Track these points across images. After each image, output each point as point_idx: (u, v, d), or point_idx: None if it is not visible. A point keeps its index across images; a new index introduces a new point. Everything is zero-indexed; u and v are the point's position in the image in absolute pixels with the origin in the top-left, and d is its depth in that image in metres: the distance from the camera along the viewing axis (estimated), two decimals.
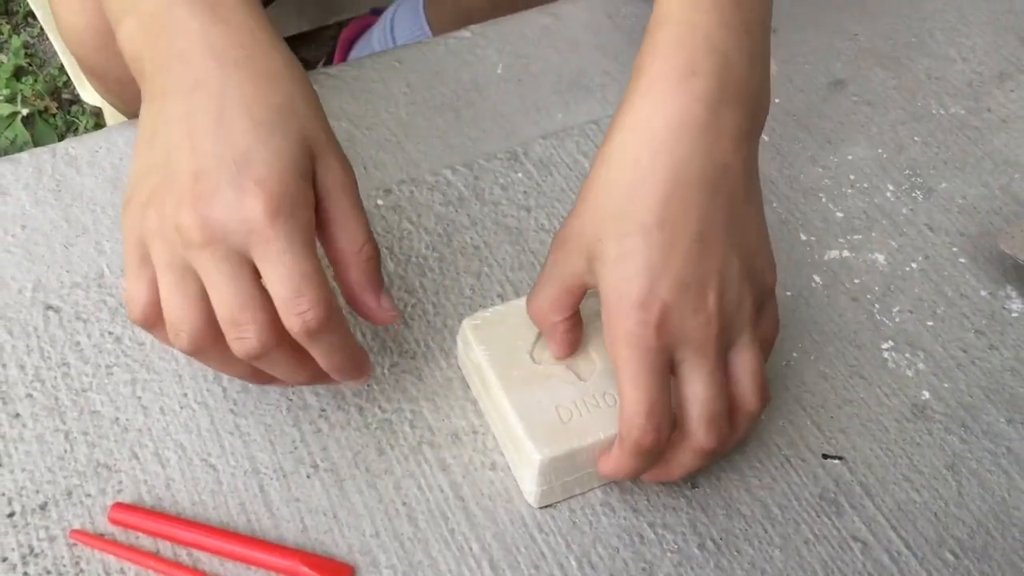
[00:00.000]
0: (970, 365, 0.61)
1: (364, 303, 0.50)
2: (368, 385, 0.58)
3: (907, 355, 0.62)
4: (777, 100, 0.75)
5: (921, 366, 0.61)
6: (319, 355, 0.48)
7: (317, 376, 0.50)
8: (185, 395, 0.57)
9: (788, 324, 0.62)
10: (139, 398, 0.56)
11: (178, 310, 0.46)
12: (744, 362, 0.50)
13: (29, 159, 0.67)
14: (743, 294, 0.49)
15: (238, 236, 0.44)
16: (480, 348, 0.55)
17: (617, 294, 0.47)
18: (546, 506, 0.54)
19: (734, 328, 0.49)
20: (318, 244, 0.48)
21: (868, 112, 0.75)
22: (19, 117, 1.13)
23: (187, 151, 0.45)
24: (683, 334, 0.47)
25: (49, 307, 0.60)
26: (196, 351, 0.47)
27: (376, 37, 1.05)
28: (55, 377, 0.57)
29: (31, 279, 0.61)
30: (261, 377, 0.50)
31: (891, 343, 0.62)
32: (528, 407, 0.53)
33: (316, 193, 0.47)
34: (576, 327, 0.53)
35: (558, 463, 0.52)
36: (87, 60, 0.65)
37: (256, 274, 0.45)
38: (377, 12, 1.10)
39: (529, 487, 0.53)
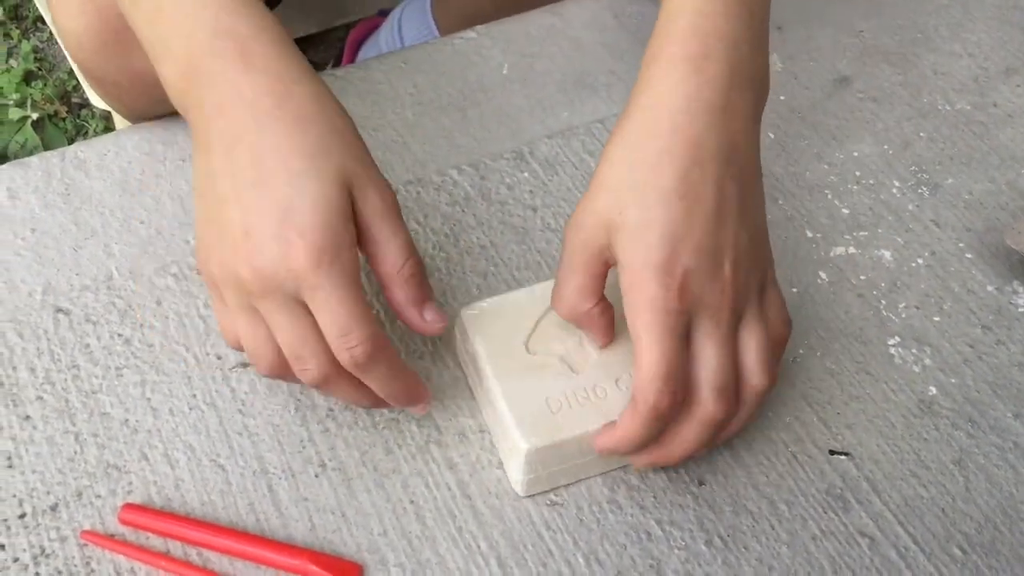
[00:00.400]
0: (977, 360, 0.61)
1: (410, 319, 0.52)
2: None
3: (914, 351, 0.62)
4: (782, 97, 0.75)
5: (928, 361, 0.61)
6: (373, 384, 0.51)
7: (378, 402, 0.53)
8: (194, 396, 0.57)
9: (795, 321, 0.62)
10: (148, 399, 0.57)
11: (253, 345, 0.50)
12: (752, 337, 0.51)
13: (38, 163, 0.67)
14: (751, 269, 0.51)
15: (289, 284, 0.47)
16: (477, 338, 0.55)
17: (640, 260, 0.49)
18: (532, 495, 0.54)
19: (745, 301, 0.51)
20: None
21: (873, 108, 0.75)
22: (29, 121, 1.14)
23: (235, 205, 0.48)
24: (701, 300, 0.49)
25: (59, 310, 0.60)
26: (275, 377, 0.51)
27: (383, 38, 1.06)
28: (65, 379, 0.57)
29: (41, 282, 0.61)
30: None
31: (898, 339, 0.62)
32: (519, 397, 0.53)
33: (358, 223, 0.49)
34: (608, 309, 0.53)
35: (544, 453, 0.52)
36: (85, 64, 0.66)
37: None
38: (384, 13, 1.10)
39: (516, 475, 0.54)
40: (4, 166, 0.68)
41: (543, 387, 0.53)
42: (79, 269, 0.62)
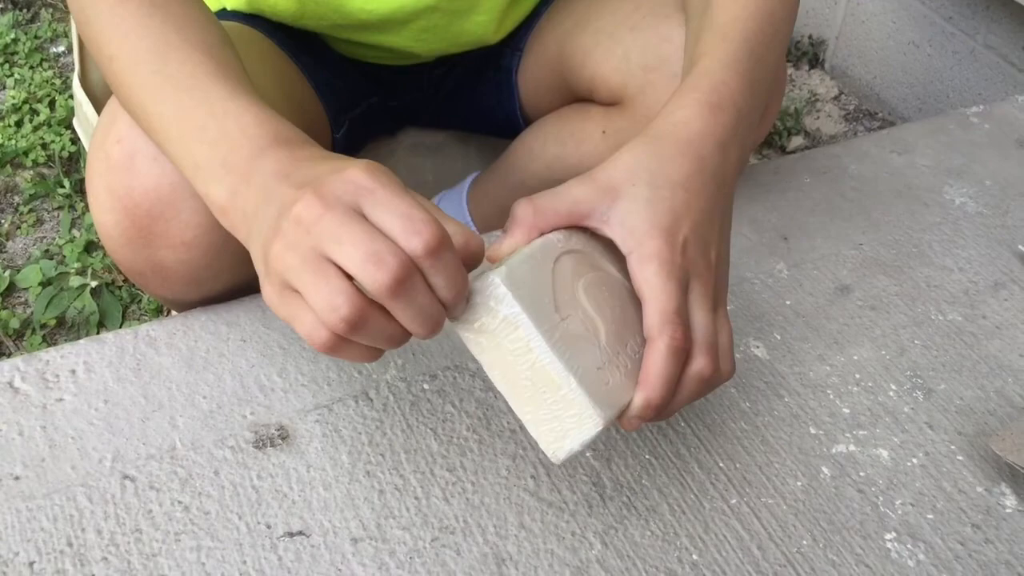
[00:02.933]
0: (967, 557, 0.66)
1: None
2: (410, 558, 0.63)
3: (909, 546, 0.66)
4: (788, 302, 0.82)
5: (922, 557, 0.66)
6: (442, 274, 0.51)
7: (437, 316, 0.53)
8: (244, 563, 0.62)
9: (800, 512, 0.67)
10: (203, 564, 0.62)
11: (327, 292, 0.50)
12: (723, 328, 0.59)
13: (113, 339, 0.74)
14: (723, 275, 0.61)
15: (348, 196, 0.51)
16: (518, 305, 0.54)
17: (648, 223, 0.57)
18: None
19: (720, 293, 0.60)
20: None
21: (872, 316, 0.82)
22: (88, 289, 1.22)
23: (284, 187, 0.54)
24: (695, 267, 0.58)
25: (126, 476, 0.66)
26: (358, 317, 0.50)
27: None
28: (128, 542, 0.63)
29: (111, 450, 0.67)
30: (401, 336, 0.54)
31: (894, 534, 0.67)
32: (578, 370, 0.54)
33: None
34: (513, 241, 0.58)
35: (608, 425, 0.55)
36: (114, 253, 0.73)
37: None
38: None
39: (569, 445, 0.55)
40: (81, 341, 0.75)
41: (588, 360, 0.55)
42: (146, 439, 0.68)
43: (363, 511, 0.65)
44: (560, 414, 0.54)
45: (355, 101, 1.02)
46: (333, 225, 0.50)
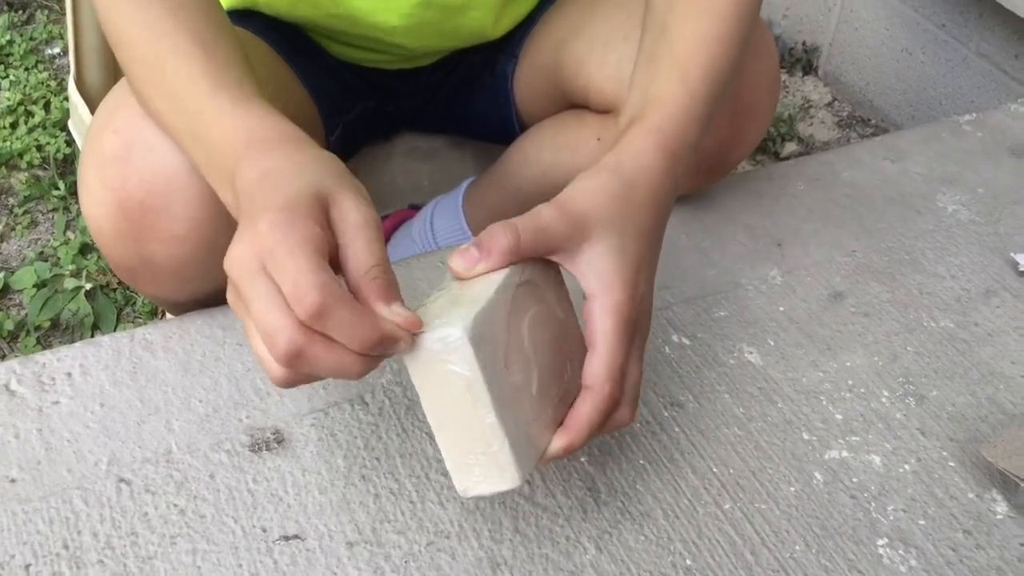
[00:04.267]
0: (959, 563, 0.66)
1: (378, 313, 0.53)
2: (406, 562, 0.63)
3: (900, 552, 0.67)
4: (781, 308, 0.83)
5: (914, 563, 0.66)
6: (337, 334, 0.51)
7: (365, 360, 0.53)
8: (240, 566, 0.62)
9: (792, 518, 0.68)
10: (199, 567, 0.62)
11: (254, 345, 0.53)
12: (640, 376, 0.62)
13: (109, 342, 0.75)
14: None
15: (256, 257, 0.51)
16: (479, 368, 0.53)
17: (614, 272, 0.58)
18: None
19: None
20: None
21: (865, 323, 0.82)
22: (83, 291, 1.22)
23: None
24: (640, 321, 0.60)
25: (121, 480, 0.66)
26: (296, 350, 0.51)
27: (416, 230, 1.14)
28: (124, 545, 0.63)
29: (107, 453, 0.67)
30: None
31: (886, 540, 0.67)
32: (513, 431, 0.55)
33: (334, 234, 0.54)
34: (488, 267, 0.58)
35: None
36: (105, 247, 0.73)
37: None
38: (416, 207, 1.19)
39: (481, 490, 0.56)
40: (77, 344, 0.75)
41: (521, 415, 0.55)
42: (141, 442, 0.68)
43: (358, 515, 0.66)
44: (483, 463, 0.55)
45: (350, 104, 1.02)
46: (242, 288, 0.52)
